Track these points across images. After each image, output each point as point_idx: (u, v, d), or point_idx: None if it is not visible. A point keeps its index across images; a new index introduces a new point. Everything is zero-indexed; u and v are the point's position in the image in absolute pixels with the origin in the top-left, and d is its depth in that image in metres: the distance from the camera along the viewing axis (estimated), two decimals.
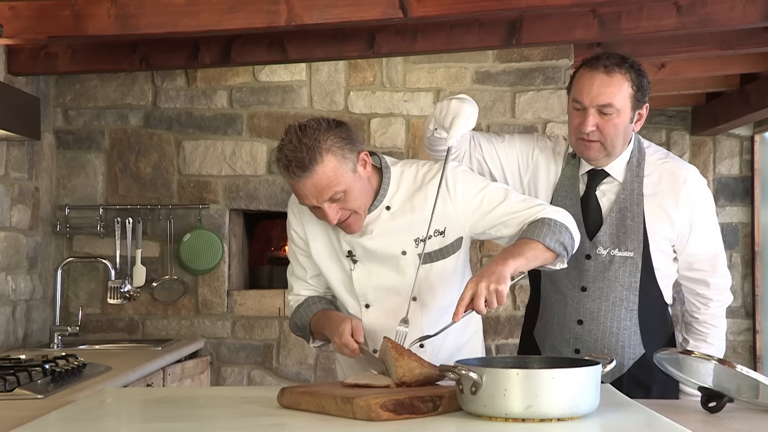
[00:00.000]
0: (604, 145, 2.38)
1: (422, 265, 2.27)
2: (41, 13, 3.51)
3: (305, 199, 2.18)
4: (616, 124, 2.35)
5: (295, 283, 2.47)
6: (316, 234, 2.37)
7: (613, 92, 2.33)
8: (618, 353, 2.45)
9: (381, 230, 2.29)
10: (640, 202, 2.42)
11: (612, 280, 2.43)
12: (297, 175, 2.13)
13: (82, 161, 4.62)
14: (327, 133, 2.15)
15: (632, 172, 2.44)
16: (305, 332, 2.42)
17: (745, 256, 6.51)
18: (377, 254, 2.30)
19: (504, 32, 3.95)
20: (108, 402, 2.15)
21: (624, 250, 2.41)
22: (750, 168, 6.54)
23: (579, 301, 2.46)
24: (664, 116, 6.60)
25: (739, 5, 3.65)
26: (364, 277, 2.33)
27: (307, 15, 3.41)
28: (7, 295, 3.92)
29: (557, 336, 2.53)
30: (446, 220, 2.29)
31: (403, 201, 2.30)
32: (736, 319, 6.50)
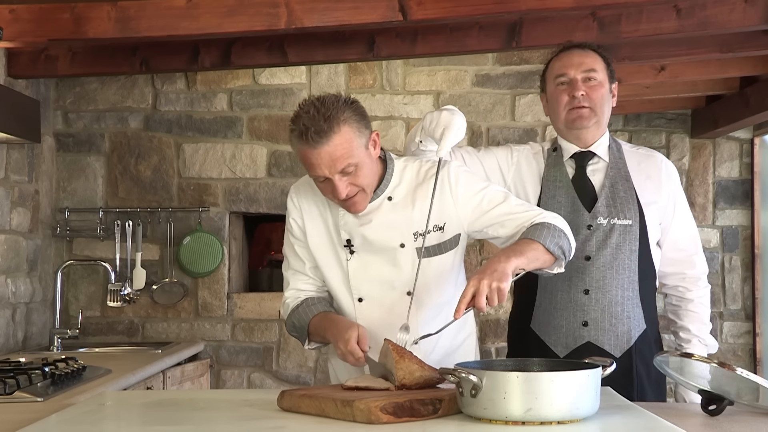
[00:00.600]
0: (594, 110, 2.55)
1: (419, 260, 2.28)
2: (41, 16, 3.51)
3: (318, 169, 2.17)
4: (601, 92, 2.56)
5: (292, 277, 2.44)
6: (314, 225, 2.38)
7: (593, 61, 2.58)
8: (624, 323, 2.51)
9: (381, 220, 2.31)
10: (628, 178, 2.57)
11: (614, 247, 2.51)
12: (314, 143, 2.14)
13: (82, 164, 4.62)
14: (345, 106, 2.19)
15: (614, 155, 2.60)
16: (302, 333, 2.39)
17: (745, 259, 6.52)
18: (375, 245, 2.31)
19: (504, 35, 3.95)
20: (108, 405, 2.15)
21: (623, 219, 2.53)
22: (750, 171, 6.54)
23: (584, 271, 2.51)
24: (664, 119, 6.61)
25: (739, 8, 3.66)
26: (360, 269, 2.33)
27: (306, 18, 3.41)
28: (7, 298, 3.92)
29: (562, 312, 2.52)
30: (445, 217, 2.31)
31: (405, 194, 2.33)
32: (735, 322, 6.50)
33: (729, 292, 6.53)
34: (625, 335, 2.51)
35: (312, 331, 2.36)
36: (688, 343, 2.64)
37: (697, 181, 6.56)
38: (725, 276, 6.53)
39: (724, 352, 6.47)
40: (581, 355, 2.43)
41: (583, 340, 2.51)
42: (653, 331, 2.60)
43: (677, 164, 6.54)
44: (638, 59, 4.66)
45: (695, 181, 6.56)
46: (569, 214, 2.53)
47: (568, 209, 2.54)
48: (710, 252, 6.54)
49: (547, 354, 2.52)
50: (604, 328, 2.50)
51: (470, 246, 4.59)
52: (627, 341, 2.51)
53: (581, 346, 2.50)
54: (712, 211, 6.55)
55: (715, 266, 6.54)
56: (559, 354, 2.52)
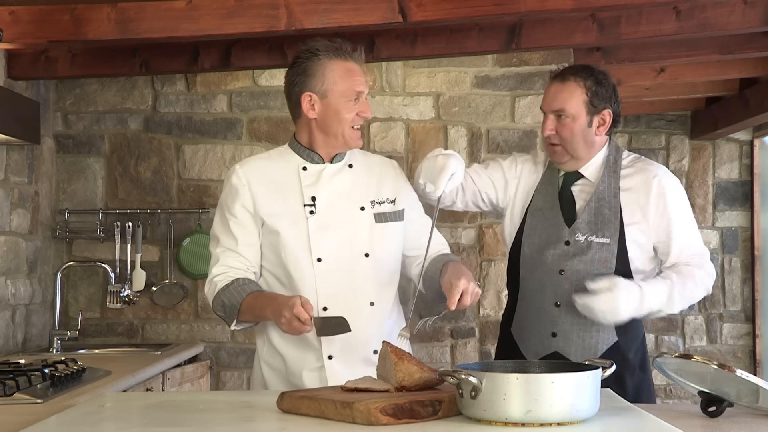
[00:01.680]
0: (566, 149, 2.58)
1: (377, 224, 2.45)
2: (41, 18, 3.51)
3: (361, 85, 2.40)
4: (572, 129, 2.55)
5: (221, 255, 2.44)
6: (267, 193, 2.43)
7: (565, 98, 2.55)
8: (592, 336, 2.56)
9: (344, 184, 2.46)
10: (617, 195, 2.58)
11: (588, 263, 2.55)
12: (359, 60, 2.42)
13: (82, 165, 4.62)
14: None
15: (609, 169, 2.61)
16: (232, 312, 2.40)
17: (745, 261, 6.52)
18: (337, 205, 2.43)
19: (504, 36, 3.95)
20: (107, 406, 2.15)
21: (601, 237, 2.55)
22: (749, 172, 6.54)
23: (557, 284, 2.57)
24: (664, 121, 6.61)
25: (739, 10, 3.66)
26: (320, 229, 2.40)
27: (306, 19, 3.41)
28: (6, 299, 3.92)
29: (534, 322, 2.62)
30: (398, 192, 2.53)
31: (362, 165, 2.52)
32: (735, 324, 6.51)
33: (729, 293, 6.53)
34: (592, 348, 2.56)
35: (244, 309, 2.37)
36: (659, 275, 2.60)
37: (697, 183, 6.56)
38: (725, 277, 6.53)
39: (723, 354, 6.47)
40: None
41: (551, 350, 2.60)
42: (628, 345, 2.60)
43: (677, 166, 6.55)
44: (638, 61, 4.67)
45: (695, 182, 6.56)
46: (550, 227, 2.61)
47: (551, 222, 2.62)
48: (710, 253, 6.54)
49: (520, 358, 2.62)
50: (571, 339, 2.57)
51: (470, 247, 4.60)
52: (594, 353, 2.56)
53: (549, 355, 2.59)
54: (712, 212, 6.55)
55: (715, 268, 6.54)
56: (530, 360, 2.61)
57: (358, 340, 2.38)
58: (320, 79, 2.38)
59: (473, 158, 4.57)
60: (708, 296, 6.63)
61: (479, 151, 4.60)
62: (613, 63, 4.62)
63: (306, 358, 2.41)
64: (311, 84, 2.38)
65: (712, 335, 6.49)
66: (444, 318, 4.38)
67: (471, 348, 4.56)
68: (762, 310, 6.49)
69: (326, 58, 2.38)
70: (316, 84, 2.38)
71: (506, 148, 4.59)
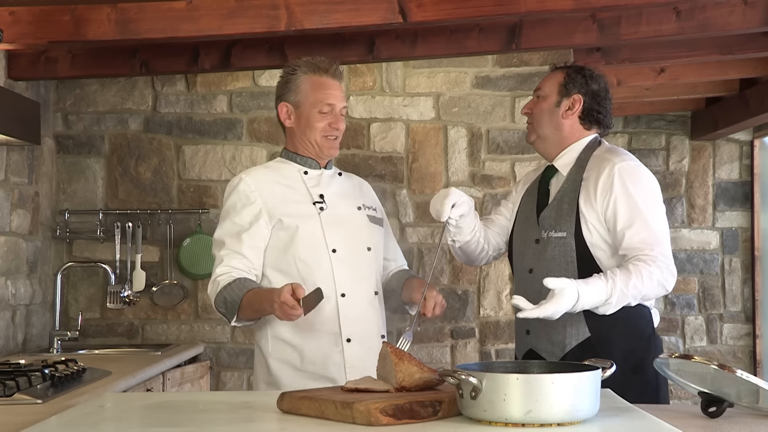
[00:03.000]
0: (533, 126, 2.71)
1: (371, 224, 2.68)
2: (41, 18, 3.52)
3: (332, 98, 2.58)
4: (540, 106, 2.69)
5: (226, 256, 2.58)
6: (277, 195, 2.60)
7: (545, 81, 2.73)
8: (559, 332, 2.56)
9: (338, 190, 2.68)
10: (576, 188, 2.59)
11: (549, 260, 2.58)
12: (335, 75, 2.61)
13: (82, 166, 4.62)
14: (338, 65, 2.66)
15: (578, 164, 2.65)
16: (233, 308, 2.51)
17: (745, 261, 6.52)
18: (340, 204, 2.64)
19: (504, 37, 3.96)
20: (108, 407, 2.15)
21: (558, 231, 2.58)
22: (750, 173, 6.54)
23: (526, 283, 2.63)
24: (664, 121, 6.61)
25: (739, 10, 3.66)
26: (332, 224, 2.59)
27: (306, 20, 3.42)
28: (6, 299, 3.92)
29: (517, 321, 2.67)
30: (375, 203, 2.78)
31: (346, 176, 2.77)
32: (735, 324, 6.51)
33: (729, 294, 6.53)
34: (560, 344, 2.57)
35: (244, 305, 2.48)
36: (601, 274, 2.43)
37: (697, 183, 6.56)
38: (725, 278, 6.54)
39: (724, 354, 6.47)
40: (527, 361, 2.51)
41: (528, 347, 2.66)
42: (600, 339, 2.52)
43: (677, 166, 6.55)
44: (638, 61, 4.67)
45: (695, 183, 6.56)
46: (527, 227, 2.71)
47: (528, 222, 2.71)
48: (710, 254, 6.54)
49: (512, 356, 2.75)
50: (540, 336, 2.62)
51: None
52: (561, 349, 2.56)
53: (527, 352, 2.66)
54: (712, 213, 6.55)
55: (715, 268, 6.54)
56: (518, 357, 2.72)
57: (370, 325, 2.61)
58: (295, 91, 2.61)
59: (473, 158, 4.57)
60: (708, 296, 6.67)
61: (479, 152, 4.61)
62: (614, 63, 4.62)
63: (324, 345, 2.56)
64: (287, 96, 2.63)
65: (713, 336, 6.49)
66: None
67: (471, 348, 4.56)
68: (762, 310, 6.49)
69: (302, 72, 2.61)
70: (291, 95, 2.62)
71: (506, 149, 4.59)
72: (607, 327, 2.53)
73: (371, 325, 2.61)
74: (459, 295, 4.59)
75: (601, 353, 2.42)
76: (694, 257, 6.51)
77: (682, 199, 6.55)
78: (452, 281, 4.59)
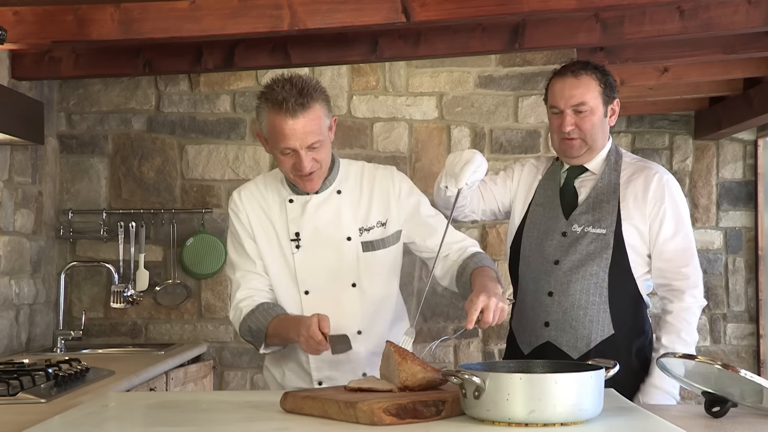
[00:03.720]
0: (585, 141, 2.61)
1: (364, 253, 2.43)
2: (45, 18, 3.52)
3: (289, 141, 2.27)
4: (592, 121, 2.60)
5: (242, 278, 2.45)
6: (259, 223, 2.45)
7: (583, 92, 2.58)
8: (585, 327, 2.57)
9: (331, 212, 2.43)
10: (616, 190, 2.62)
11: (583, 253, 2.58)
12: (292, 114, 2.25)
13: (86, 166, 4.63)
14: (316, 86, 2.33)
15: (610, 166, 2.66)
16: (259, 336, 2.40)
17: (749, 261, 6.51)
18: (323, 237, 2.42)
19: (507, 37, 3.95)
20: (111, 406, 2.15)
21: (598, 227, 2.58)
22: (753, 172, 6.53)
23: (551, 274, 2.60)
24: (667, 120, 6.60)
25: (742, 9, 3.66)
26: (306, 262, 2.41)
27: (310, 20, 3.42)
28: (10, 299, 3.92)
29: (529, 312, 2.64)
30: (389, 213, 2.48)
31: (352, 189, 2.47)
32: (739, 324, 6.50)
33: (732, 293, 6.52)
34: (585, 338, 2.57)
35: (271, 333, 2.37)
36: (656, 352, 2.58)
37: (701, 183, 6.55)
38: (729, 278, 6.53)
39: (727, 354, 6.46)
40: (542, 354, 2.56)
41: (544, 340, 2.61)
42: (625, 337, 2.59)
43: (680, 166, 6.54)
44: (641, 61, 4.66)
45: (698, 182, 6.55)
46: (548, 219, 2.66)
47: (549, 215, 2.66)
48: (714, 254, 6.53)
49: (515, 349, 2.66)
50: (564, 329, 2.59)
51: None
52: (586, 344, 2.57)
53: (541, 345, 2.61)
54: (716, 212, 6.55)
55: (719, 268, 6.53)
56: (524, 351, 2.64)
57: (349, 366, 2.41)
58: (262, 124, 2.35)
59: None
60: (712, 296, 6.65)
61: (482, 151, 4.59)
62: (617, 63, 4.61)
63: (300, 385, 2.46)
64: (260, 125, 2.38)
65: (716, 335, 6.48)
66: (462, 336, 4.39)
67: (474, 348, 4.56)
68: (766, 310, 6.48)
69: (266, 106, 2.30)
70: (261, 127, 2.37)
71: (509, 148, 4.58)
72: (629, 328, 2.61)
73: (351, 367, 2.41)
74: (461, 295, 4.58)
75: (623, 352, 2.53)
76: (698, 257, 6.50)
77: (686, 199, 6.54)
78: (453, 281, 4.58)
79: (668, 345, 2.56)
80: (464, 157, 2.48)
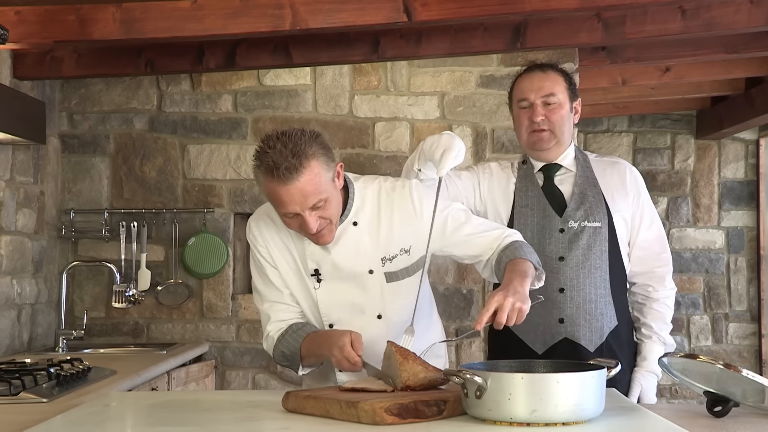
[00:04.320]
0: (554, 132, 2.66)
1: (388, 284, 2.32)
2: (47, 18, 3.52)
3: (288, 206, 2.16)
4: (561, 113, 2.66)
5: (270, 310, 2.38)
6: (280, 254, 2.36)
7: (552, 84, 2.66)
8: (598, 320, 2.62)
9: (348, 247, 2.31)
10: (596, 184, 2.70)
11: (585, 248, 2.63)
12: (285, 180, 2.11)
13: (87, 165, 4.63)
14: (311, 141, 2.16)
15: (581, 164, 2.73)
16: (294, 359, 2.34)
17: (751, 260, 6.50)
18: (343, 272, 2.32)
19: (509, 36, 3.95)
20: (113, 406, 2.16)
21: (593, 221, 2.65)
22: (755, 172, 6.53)
23: (558, 271, 2.62)
24: (669, 120, 6.60)
25: (744, 9, 3.65)
26: (329, 296, 2.33)
27: (311, 19, 3.42)
28: (12, 299, 3.93)
29: (539, 311, 2.58)
30: (412, 238, 2.33)
31: (369, 218, 2.34)
32: (741, 323, 6.50)
33: (734, 293, 6.52)
34: (598, 331, 2.63)
35: (305, 353, 2.31)
36: (649, 339, 2.72)
37: (702, 182, 6.55)
38: (730, 277, 6.52)
39: (729, 354, 6.46)
40: (559, 351, 2.58)
41: (560, 336, 2.62)
42: (625, 329, 2.70)
43: (682, 165, 6.54)
44: (643, 60, 4.66)
45: (700, 182, 6.55)
46: (541, 219, 2.67)
47: (540, 215, 2.68)
48: (715, 253, 6.53)
49: (526, 351, 2.62)
50: (579, 324, 2.62)
51: None
52: (600, 336, 2.63)
53: (558, 342, 2.62)
54: (717, 212, 6.54)
55: (721, 267, 6.53)
56: (538, 351, 2.63)
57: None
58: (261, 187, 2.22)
59: (478, 158, 4.57)
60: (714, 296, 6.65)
61: (484, 151, 4.60)
62: (618, 62, 4.61)
63: None
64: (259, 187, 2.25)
65: (718, 335, 6.48)
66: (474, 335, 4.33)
67: (476, 348, 4.56)
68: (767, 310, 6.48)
69: (260, 171, 2.15)
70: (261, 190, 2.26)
71: (511, 148, 4.58)
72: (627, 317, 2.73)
73: None
74: (464, 295, 4.59)
75: (626, 342, 2.67)
76: (700, 256, 6.50)
77: (688, 199, 6.53)
78: (457, 280, 4.58)
79: (658, 331, 2.71)
80: (443, 143, 2.35)
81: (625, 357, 2.66)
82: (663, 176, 6.52)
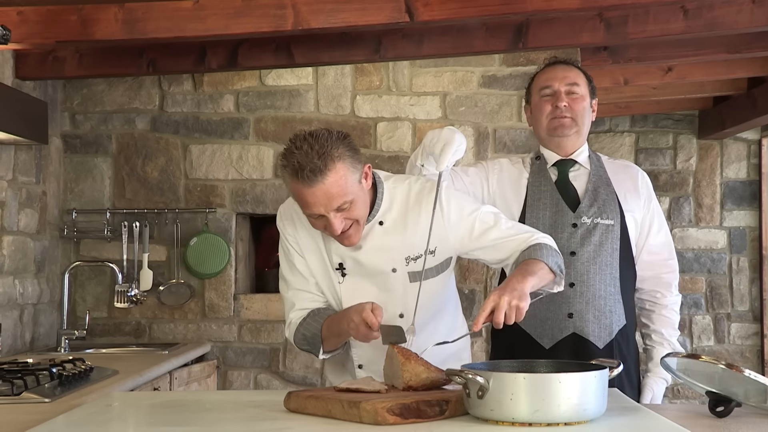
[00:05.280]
0: (575, 120, 2.70)
1: (411, 283, 2.29)
2: (49, 18, 3.52)
3: (313, 208, 2.14)
4: (583, 105, 2.71)
5: (295, 296, 2.37)
6: (307, 246, 2.35)
7: (576, 76, 2.73)
8: (607, 317, 2.62)
9: (373, 245, 2.30)
10: (609, 184, 2.73)
11: (597, 244, 2.64)
12: (309, 182, 2.10)
13: (90, 165, 4.63)
14: (338, 142, 2.14)
15: (594, 163, 2.76)
16: (315, 341, 2.32)
17: (753, 260, 6.50)
18: (367, 269, 2.31)
19: (510, 36, 3.95)
20: (115, 406, 2.16)
21: (606, 218, 2.66)
22: (757, 172, 6.53)
23: (569, 266, 2.61)
24: (671, 120, 6.60)
25: (746, 9, 3.65)
26: (353, 292, 2.31)
27: (313, 19, 3.42)
28: (14, 299, 3.93)
29: (548, 305, 2.59)
30: (438, 240, 2.30)
31: (396, 218, 2.31)
32: (743, 324, 6.49)
33: (736, 293, 6.51)
34: (607, 328, 2.63)
35: (326, 334, 2.30)
36: (660, 345, 2.73)
37: (705, 182, 6.55)
38: (733, 277, 6.52)
39: (731, 354, 6.45)
40: (567, 346, 2.58)
41: (569, 331, 2.62)
42: (631, 328, 2.71)
43: (684, 165, 6.54)
44: (645, 60, 4.66)
45: (702, 182, 6.54)
46: (554, 214, 2.67)
47: (553, 210, 2.68)
48: (717, 253, 6.53)
49: (533, 346, 2.62)
50: (588, 319, 2.62)
51: None
52: (609, 334, 2.63)
53: (567, 337, 2.61)
54: (720, 212, 6.54)
55: (723, 267, 6.52)
56: (545, 346, 2.61)
57: None
58: (288, 187, 2.21)
59: (480, 158, 4.57)
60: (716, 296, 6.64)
61: (486, 151, 4.60)
62: (620, 62, 4.61)
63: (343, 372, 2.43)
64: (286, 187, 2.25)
65: (720, 335, 6.48)
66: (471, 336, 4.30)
67: (478, 348, 4.56)
68: None
69: (286, 172, 2.15)
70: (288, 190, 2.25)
71: (513, 148, 4.58)
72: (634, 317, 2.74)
73: None
74: (466, 295, 4.58)
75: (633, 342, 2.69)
76: (702, 256, 6.49)
77: (690, 199, 6.53)
78: (459, 280, 4.58)
79: (668, 337, 2.72)
80: (443, 137, 2.34)
81: (632, 358, 2.67)
82: (665, 176, 6.51)
